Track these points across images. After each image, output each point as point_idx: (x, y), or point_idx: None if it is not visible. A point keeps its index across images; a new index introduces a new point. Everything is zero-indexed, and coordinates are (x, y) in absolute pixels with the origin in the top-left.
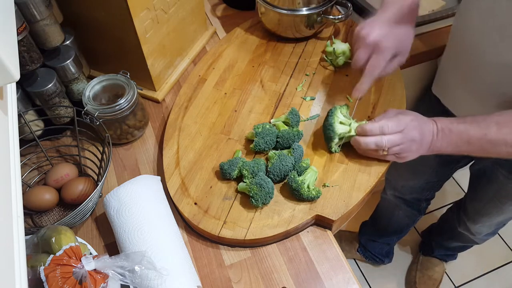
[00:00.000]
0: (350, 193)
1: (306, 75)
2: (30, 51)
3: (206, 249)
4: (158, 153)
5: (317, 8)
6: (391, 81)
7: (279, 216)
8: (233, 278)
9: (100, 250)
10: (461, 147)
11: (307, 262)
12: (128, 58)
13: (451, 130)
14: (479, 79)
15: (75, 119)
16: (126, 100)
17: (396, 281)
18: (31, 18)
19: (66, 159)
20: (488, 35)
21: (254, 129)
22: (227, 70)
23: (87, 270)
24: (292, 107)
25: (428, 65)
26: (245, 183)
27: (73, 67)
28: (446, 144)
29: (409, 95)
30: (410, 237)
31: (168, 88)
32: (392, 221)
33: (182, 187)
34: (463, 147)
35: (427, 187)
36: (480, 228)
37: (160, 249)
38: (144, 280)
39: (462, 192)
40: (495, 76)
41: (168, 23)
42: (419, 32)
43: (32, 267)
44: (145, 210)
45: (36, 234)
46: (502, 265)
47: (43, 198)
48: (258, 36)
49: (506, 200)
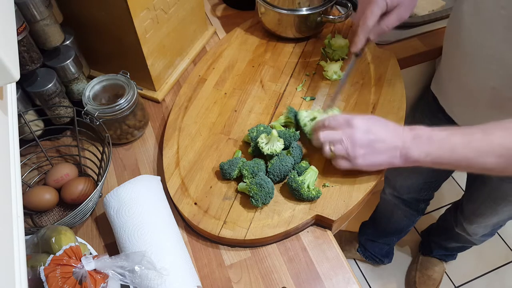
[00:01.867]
0: (350, 193)
1: (306, 75)
2: (30, 51)
3: (206, 249)
4: (158, 153)
5: (317, 8)
6: (391, 81)
7: (279, 216)
8: (233, 278)
9: (100, 250)
10: (442, 158)
11: (307, 262)
12: (128, 58)
13: (431, 137)
14: (471, 76)
15: (75, 119)
16: (126, 100)
17: (396, 281)
18: (31, 18)
19: (66, 159)
20: (479, 32)
21: (249, 133)
22: (227, 70)
23: (87, 270)
24: (289, 106)
25: (427, 65)
26: (245, 183)
27: (73, 67)
28: (424, 154)
29: (409, 95)
30: (410, 237)
31: (168, 88)
32: (392, 221)
33: (182, 187)
34: (445, 157)
35: (425, 187)
36: (476, 229)
37: (160, 249)
38: (144, 280)
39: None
40: (485, 70)
41: (168, 23)
42: (419, 32)
43: (32, 267)
44: (145, 210)
45: (36, 234)
46: (502, 265)
47: (43, 198)
48: (258, 36)
49: (500, 201)
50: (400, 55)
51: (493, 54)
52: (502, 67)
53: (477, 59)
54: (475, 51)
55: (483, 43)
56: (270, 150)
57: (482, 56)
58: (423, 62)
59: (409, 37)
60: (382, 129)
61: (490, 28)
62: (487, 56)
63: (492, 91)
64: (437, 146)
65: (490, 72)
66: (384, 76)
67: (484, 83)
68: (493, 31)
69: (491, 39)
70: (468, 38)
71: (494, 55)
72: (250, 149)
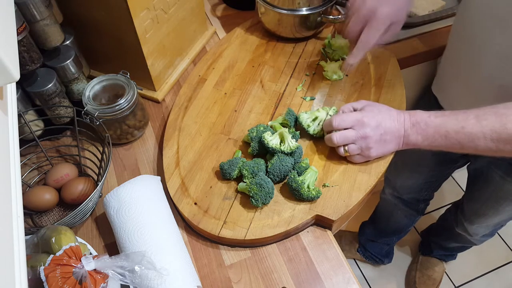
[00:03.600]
0: (350, 193)
1: (306, 75)
2: (30, 51)
3: (206, 249)
4: (158, 153)
5: (317, 8)
6: (391, 81)
7: (279, 216)
8: (233, 278)
9: (100, 250)
10: (438, 141)
11: (307, 262)
12: (128, 58)
13: (427, 123)
14: (478, 73)
15: (75, 119)
16: (126, 100)
17: (396, 281)
18: (31, 18)
19: (66, 159)
20: (488, 28)
21: (249, 133)
22: (227, 70)
23: (87, 270)
24: (289, 108)
25: (428, 65)
26: (245, 183)
27: (73, 67)
28: (422, 138)
29: (409, 95)
30: (410, 237)
31: (168, 88)
32: (392, 221)
33: (182, 187)
34: (440, 141)
35: (425, 187)
36: (477, 229)
37: (160, 249)
38: (144, 280)
39: (462, 193)
40: (493, 68)
41: (168, 23)
42: (419, 32)
43: (32, 267)
44: (145, 210)
45: (36, 234)
46: (502, 265)
47: (43, 198)
48: (258, 36)
49: (502, 201)
50: (400, 55)
51: (502, 51)
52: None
53: (485, 56)
54: (483, 47)
55: (492, 40)
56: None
57: (491, 53)
58: (423, 62)
59: (409, 37)
60: (388, 120)
61: (499, 24)
62: (496, 52)
63: (499, 88)
64: (433, 131)
65: (498, 69)
66: (384, 76)
67: (491, 81)
68: (502, 27)
69: (500, 35)
70: (476, 35)
71: (503, 51)
72: (250, 149)
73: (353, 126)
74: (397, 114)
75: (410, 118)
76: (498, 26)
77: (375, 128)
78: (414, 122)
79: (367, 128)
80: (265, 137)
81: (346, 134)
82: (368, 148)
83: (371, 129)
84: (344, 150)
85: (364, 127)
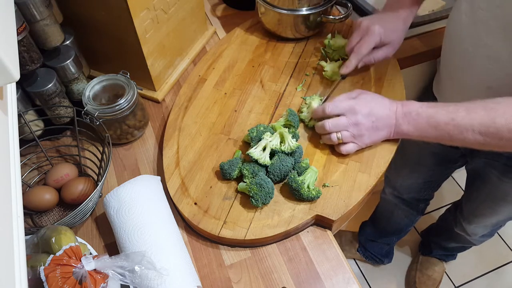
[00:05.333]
0: (350, 193)
1: (306, 75)
2: (30, 51)
3: (206, 249)
4: (158, 153)
5: (317, 8)
6: (391, 81)
7: (279, 216)
8: (233, 278)
9: (100, 250)
10: (428, 132)
11: (307, 262)
12: (128, 58)
13: (419, 113)
14: (468, 75)
15: (75, 119)
16: (126, 100)
17: (396, 281)
18: (31, 18)
19: (66, 159)
20: (475, 29)
21: (249, 133)
22: (227, 70)
23: (87, 270)
24: (289, 108)
25: (428, 65)
26: (245, 183)
27: (73, 67)
28: (413, 129)
29: (409, 95)
30: (410, 237)
31: (168, 88)
32: (392, 221)
33: (182, 187)
34: (430, 132)
35: (424, 186)
36: (475, 229)
37: (160, 249)
38: (144, 280)
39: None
40: (482, 70)
41: (168, 23)
42: (419, 32)
43: (32, 267)
44: (145, 210)
45: (36, 234)
46: (502, 265)
47: (43, 198)
48: (258, 36)
49: (499, 201)
50: (400, 55)
51: (490, 54)
52: (498, 66)
53: (474, 58)
54: (472, 50)
55: (479, 42)
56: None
57: (479, 55)
58: (423, 62)
59: (409, 37)
60: (380, 108)
61: (486, 27)
62: (483, 55)
63: (487, 90)
64: (424, 122)
65: (486, 72)
66: (384, 76)
67: (480, 83)
68: (489, 30)
69: (487, 38)
70: (466, 37)
71: (490, 54)
72: None
73: (345, 112)
74: (390, 103)
75: (403, 107)
76: (485, 29)
77: (367, 115)
78: (406, 112)
79: (359, 115)
80: (251, 152)
81: (338, 121)
82: (360, 135)
83: (363, 116)
84: (337, 137)
85: (356, 114)
